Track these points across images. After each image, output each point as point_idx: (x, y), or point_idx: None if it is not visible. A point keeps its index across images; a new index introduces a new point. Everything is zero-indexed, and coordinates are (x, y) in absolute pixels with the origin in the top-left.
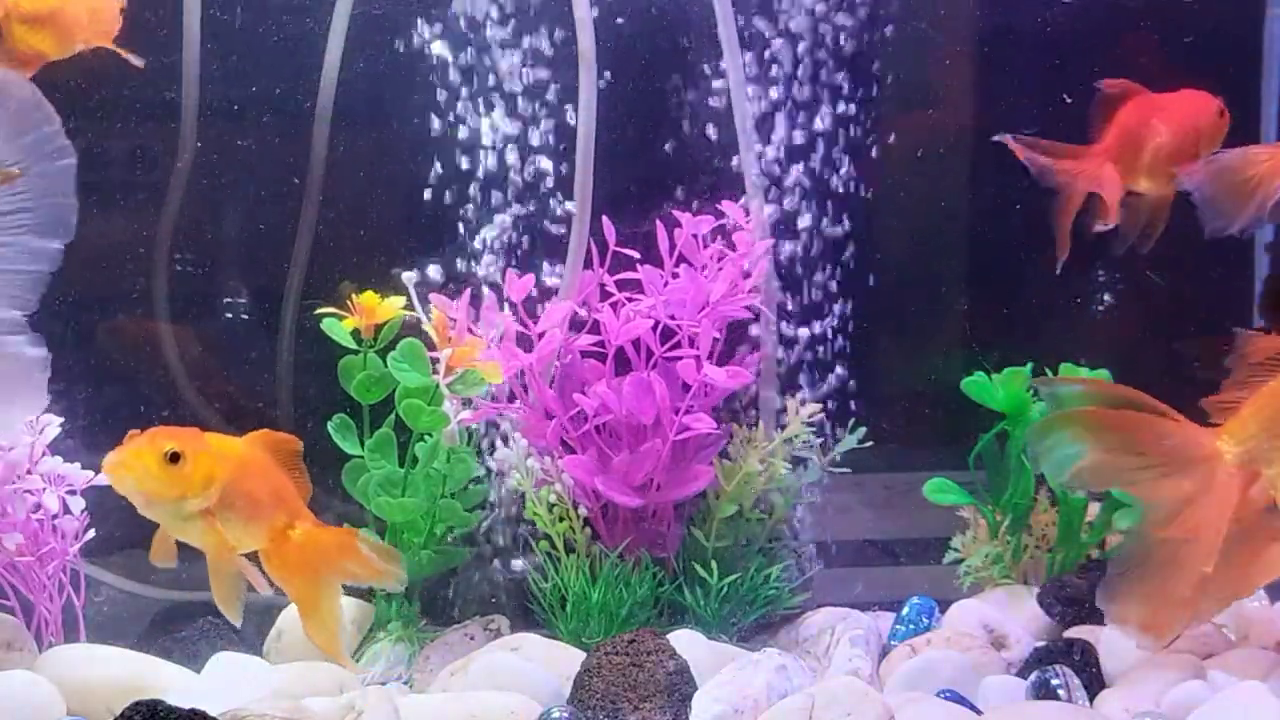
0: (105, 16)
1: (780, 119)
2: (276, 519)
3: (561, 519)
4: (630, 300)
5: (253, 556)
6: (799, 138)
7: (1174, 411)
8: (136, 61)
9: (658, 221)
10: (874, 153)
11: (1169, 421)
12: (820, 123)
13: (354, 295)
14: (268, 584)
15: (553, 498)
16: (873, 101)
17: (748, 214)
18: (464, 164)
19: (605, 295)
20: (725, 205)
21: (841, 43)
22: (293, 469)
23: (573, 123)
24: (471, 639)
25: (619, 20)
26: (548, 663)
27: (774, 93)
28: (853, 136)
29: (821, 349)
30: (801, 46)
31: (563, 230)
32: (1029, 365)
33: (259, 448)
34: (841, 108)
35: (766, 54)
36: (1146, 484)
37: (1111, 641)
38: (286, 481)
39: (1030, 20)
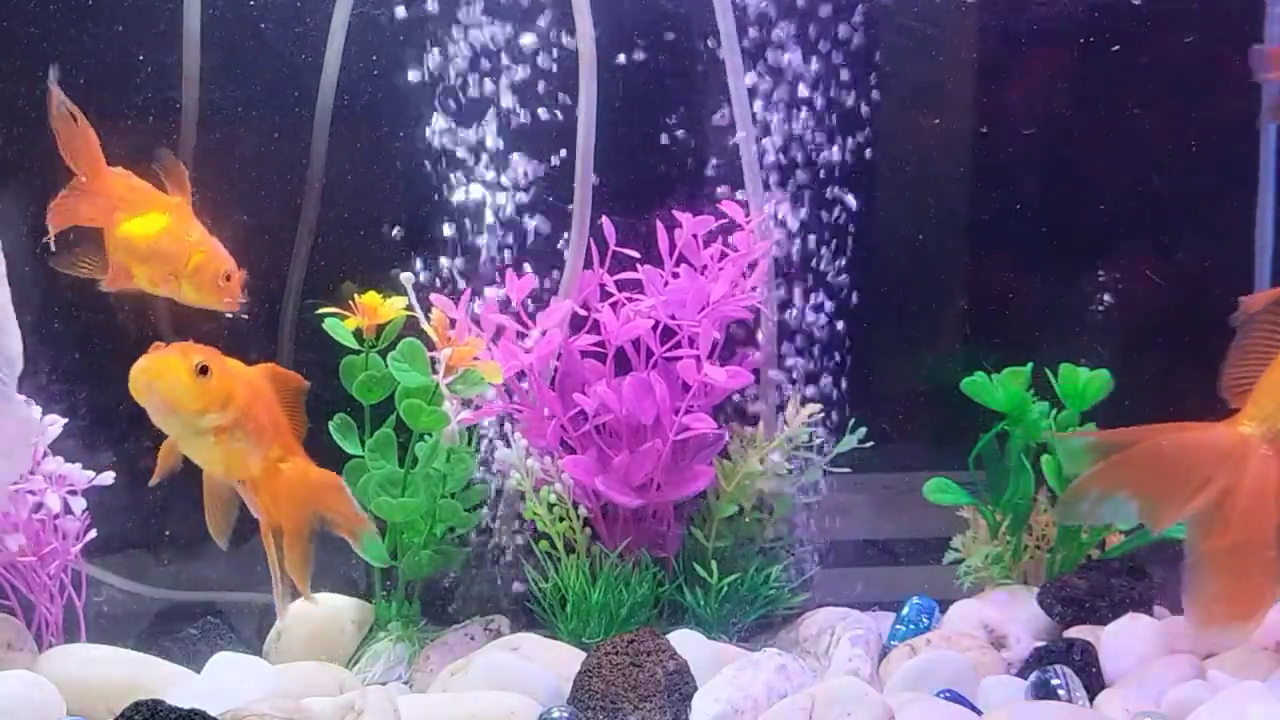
0: (206, 273)
1: (781, 118)
2: (272, 450)
3: (561, 519)
4: (630, 300)
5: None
6: (798, 138)
7: (1181, 424)
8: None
9: (657, 221)
10: (873, 153)
11: (1185, 434)
12: (820, 122)
13: (356, 295)
14: (261, 509)
15: (553, 498)
16: (873, 101)
17: (748, 214)
18: (465, 162)
19: (605, 295)
20: (725, 205)
21: (842, 42)
22: (294, 407)
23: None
24: (471, 639)
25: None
26: (548, 663)
27: (775, 92)
28: (853, 136)
29: (821, 348)
30: (801, 46)
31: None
32: (1029, 365)
33: (266, 380)
34: (841, 107)
35: (766, 51)
36: (1190, 498)
37: (1112, 641)
38: (284, 417)
39: (1031, 20)
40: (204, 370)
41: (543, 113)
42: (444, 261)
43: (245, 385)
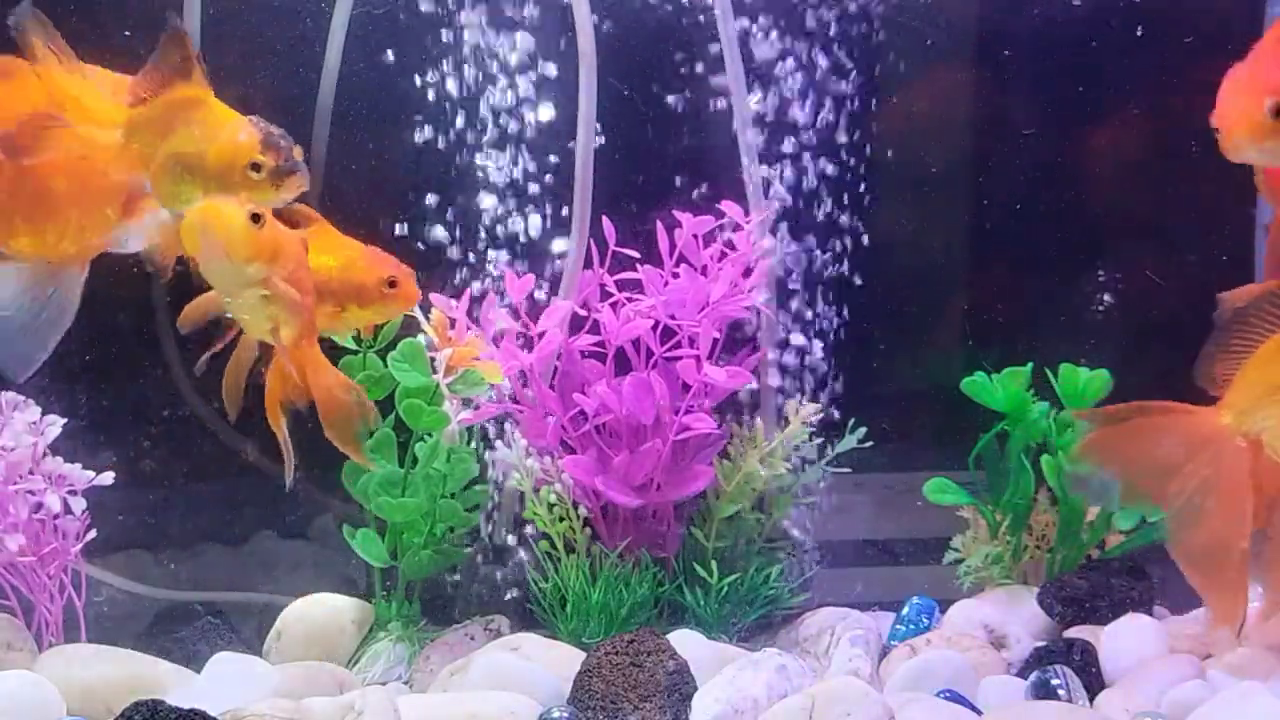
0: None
1: (781, 118)
2: (303, 326)
3: (561, 519)
4: (630, 300)
5: None
6: (798, 137)
7: (1168, 404)
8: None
9: (658, 221)
10: (873, 152)
11: (1167, 416)
12: (820, 122)
13: None
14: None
15: (553, 498)
16: (874, 100)
17: (748, 214)
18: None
19: (605, 295)
20: (725, 205)
21: (842, 42)
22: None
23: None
24: (471, 639)
25: (611, 22)
26: (548, 663)
27: (775, 91)
28: (853, 135)
29: (821, 349)
30: (801, 46)
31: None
32: (1029, 365)
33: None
34: (842, 106)
35: (764, 51)
36: (1165, 484)
37: (1112, 641)
38: (312, 302)
39: (1031, 20)
40: (256, 218)
41: (546, 111)
42: (445, 260)
43: (296, 244)
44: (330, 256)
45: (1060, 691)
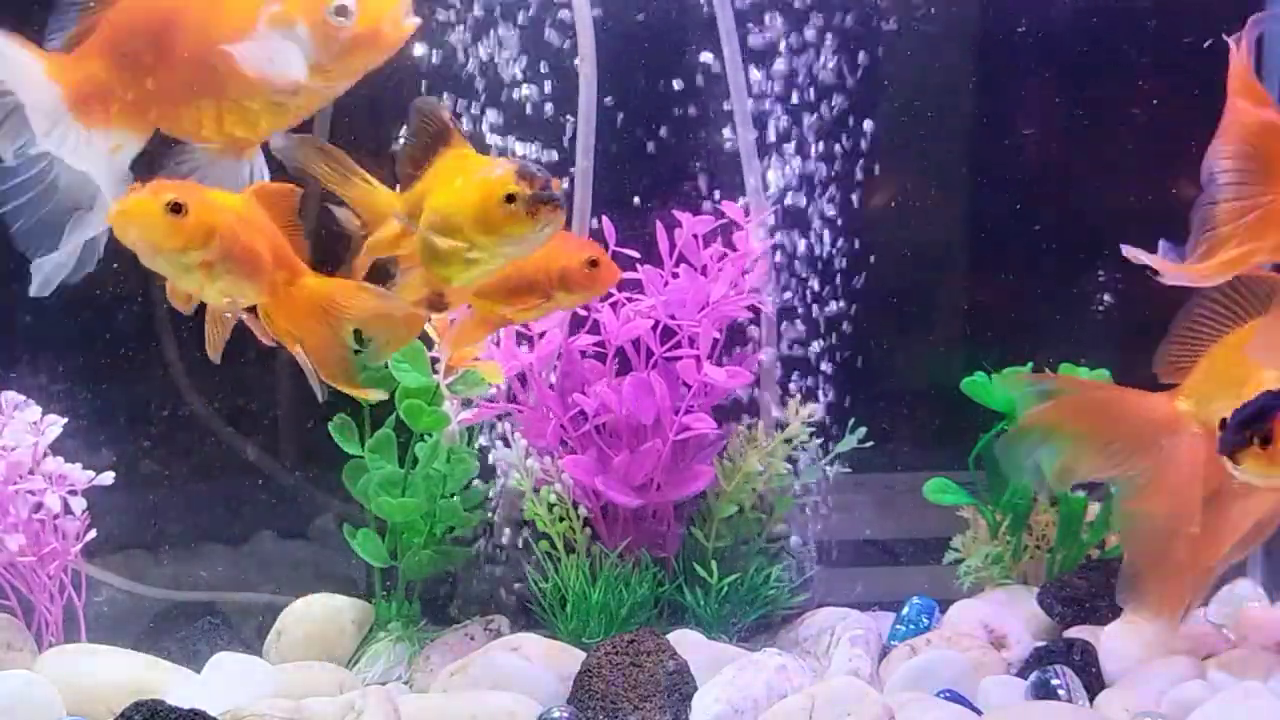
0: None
1: (781, 118)
2: (277, 275)
3: (561, 519)
4: (630, 300)
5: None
6: (799, 137)
7: (1133, 389)
8: None
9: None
10: (873, 151)
11: (1127, 395)
12: (820, 121)
13: None
14: (267, 335)
15: (553, 498)
16: (873, 99)
17: (748, 213)
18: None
19: (605, 295)
20: (725, 205)
21: (842, 42)
22: (289, 222)
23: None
24: (471, 639)
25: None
26: (548, 663)
27: (774, 89)
28: (853, 135)
29: (821, 349)
30: (801, 46)
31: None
32: (1029, 365)
33: (257, 203)
34: (842, 105)
35: (764, 51)
36: (1120, 462)
37: (1111, 641)
38: (282, 238)
39: (1031, 20)
40: (177, 208)
41: (547, 109)
42: None
43: (229, 216)
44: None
45: (1060, 691)
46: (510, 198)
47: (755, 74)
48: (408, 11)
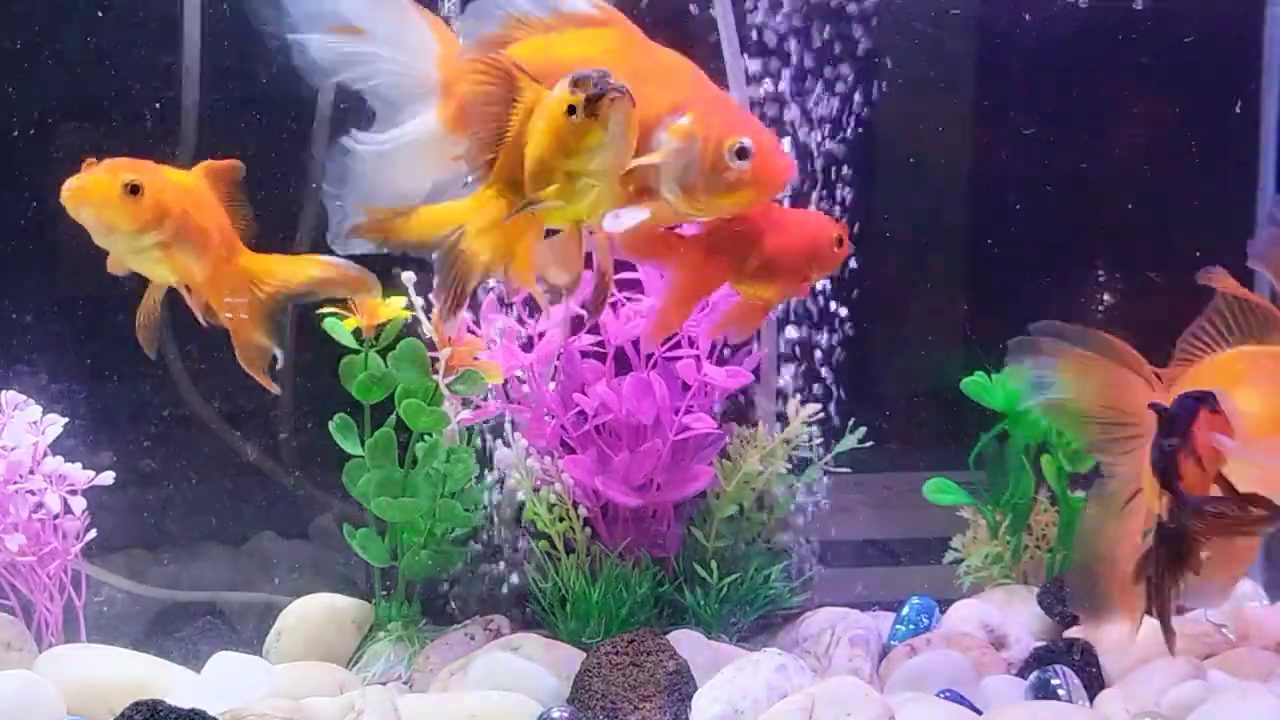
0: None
1: (780, 114)
2: (219, 251)
3: (561, 519)
4: (630, 300)
5: None
6: (799, 136)
7: (1151, 372)
8: None
9: None
10: (873, 151)
11: (1135, 375)
12: (819, 119)
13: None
14: (206, 313)
15: (553, 498)
16: (873, 97)
17: None
18: None
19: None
20: None
21: (841, 39)
22: (233, 197)
23: None
24: (471, 639)
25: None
26: (548, 663)
27: (773, 87)
28: (853, 133)
29: (821, 349)
30: (800, 43)
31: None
32: None
33: (205, 182)
34: (841, 103)
35: (765, 47)
36: (1099, 433)
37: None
38: (225, 216)
39: (1031, 20)
40: (135, 190)
41: None
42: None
43: (182, 196)
44: (783, 231)
45: (1060, 691)
46: (571, 110)
47: (753, 65)
48: (791, 175)
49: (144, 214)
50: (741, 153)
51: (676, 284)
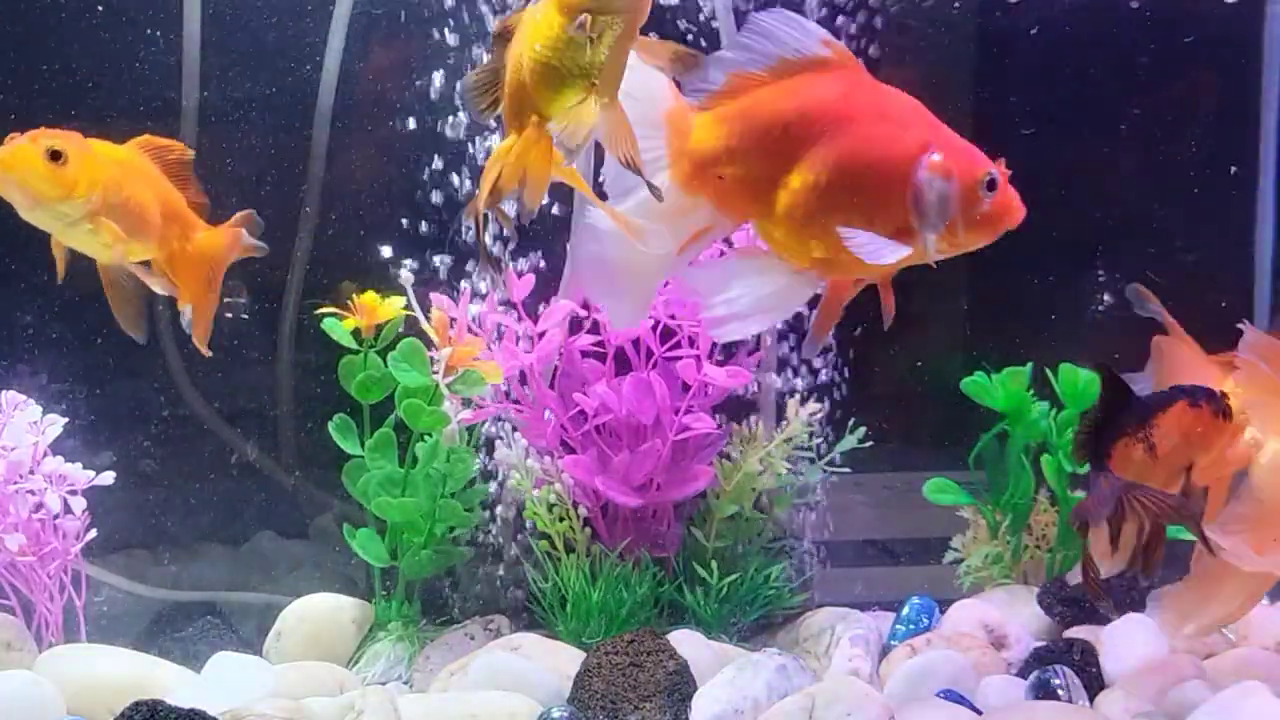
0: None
1: None
2: (170, 231)
3: (561, 519)
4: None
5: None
6: None
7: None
8: None
9: None
10: None
11: (1198, 355)
12: None
13: (355, 295)
14: (169, 285)
15: (553, 498)
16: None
17: None
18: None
19: None
20: None
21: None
22: (182, 178)
23: None
24: (471, 639)
25: None
26: (548, 663)
27: None
28: None
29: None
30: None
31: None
32: (1029, 365)
33: (142, 155)
34: None
35: None
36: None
37: (1111, 641)
38: (172, 190)
39: (1031, 19)
40: (56, 156)
41: None
42: (441, 260)
43: (111, 166)
44: None
45: (1060, 691)
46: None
47: None
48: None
49: (68, 181)
50: (991, 184)
51: (835, 290)
